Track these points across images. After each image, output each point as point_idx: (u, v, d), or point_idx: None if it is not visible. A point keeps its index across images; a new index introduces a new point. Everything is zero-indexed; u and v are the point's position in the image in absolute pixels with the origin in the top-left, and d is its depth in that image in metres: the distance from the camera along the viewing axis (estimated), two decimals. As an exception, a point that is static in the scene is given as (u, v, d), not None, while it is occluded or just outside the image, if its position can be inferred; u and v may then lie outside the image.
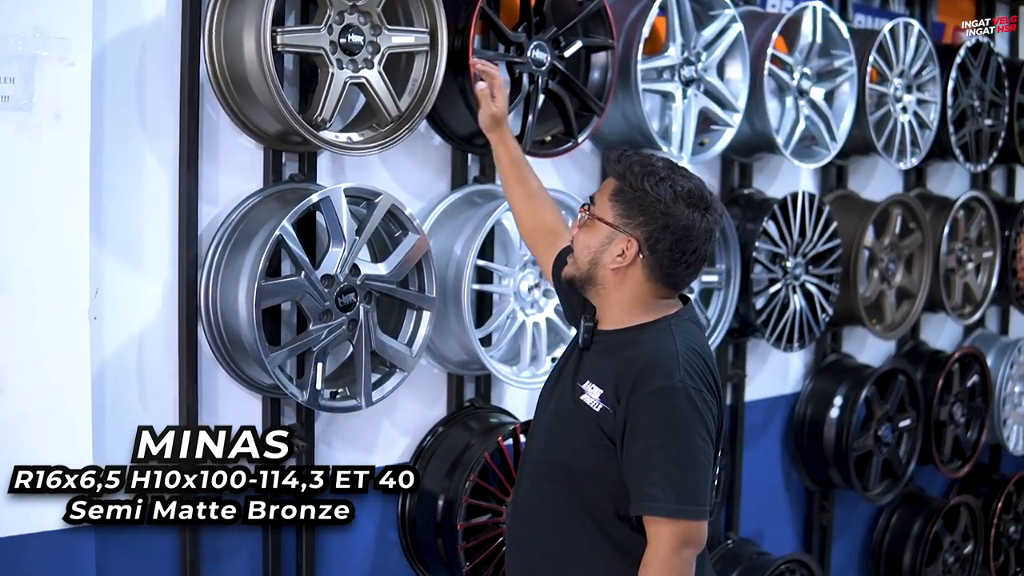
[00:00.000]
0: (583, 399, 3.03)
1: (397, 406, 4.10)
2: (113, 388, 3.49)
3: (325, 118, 3.49)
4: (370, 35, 3.54)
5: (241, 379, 3.71)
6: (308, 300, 3.51)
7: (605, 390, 2.99)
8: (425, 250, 3.75)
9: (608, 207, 3.01)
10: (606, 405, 2.98)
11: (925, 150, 5.55)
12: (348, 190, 3.55)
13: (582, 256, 3.07)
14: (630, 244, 2.98)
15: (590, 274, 3.06)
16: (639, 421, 2.89)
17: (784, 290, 5.02)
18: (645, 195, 2.95)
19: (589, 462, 3.01)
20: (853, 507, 6.05)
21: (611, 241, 3.00)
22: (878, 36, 5.17)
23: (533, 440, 3.23)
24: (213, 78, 3.50)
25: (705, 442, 2.92)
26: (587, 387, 3.04)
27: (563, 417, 3.10)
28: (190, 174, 3.54)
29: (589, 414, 3.01)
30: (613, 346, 3.05)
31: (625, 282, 3.03)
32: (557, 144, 4.10)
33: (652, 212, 2.95)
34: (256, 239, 3.48)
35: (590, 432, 3.00)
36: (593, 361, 3.09)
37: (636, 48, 4.22)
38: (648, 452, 2.88)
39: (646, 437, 2.89)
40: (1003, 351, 6.58)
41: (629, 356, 2.98)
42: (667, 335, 3.02)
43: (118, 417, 3.49)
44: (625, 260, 3.00)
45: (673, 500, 2.85)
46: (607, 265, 3.01)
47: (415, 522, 4.14)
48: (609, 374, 3.00)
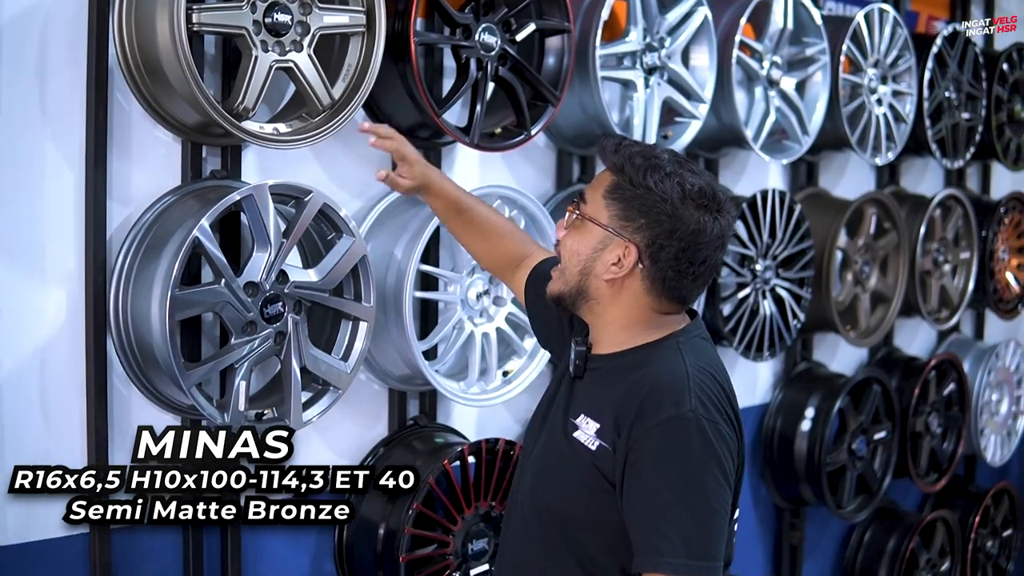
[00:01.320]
0: (576, 436, 2.65)
1: (333, 426, 3.79)
2: (11, 410, 3.19)
3: (248, 107, 3.17)
4: (299, 14, 3.22)
5: (157, 398, 3.39)
6: (229, 311, 3.19)
7: (602, 424, 2.61)
8: (361, 254, 3.44)
9: (603, 206, 2.63)
10: (603, 442, 2.59)
11: (901, 145, 5.36)
12: (274, 187, 3.24)
13: (571, 264, 2.68)
14: (628, 250, 2.60)
15: (581, 286, 2.67)
16: (643, 458, 2.50)
17: (753, 295, 4.79)
18: (648, 193, 2.57)
19: (584, 510, 2.62)
20: (824, 524, 5.85)
21: (605, 247, 2.62)
22: (852, 23, 4.96)
23: (520, 483, 2.83)
24: (123, 63, 3.19)
25: (719, 484, 2.51)
26: (581, 422, 2.65)
27: (553, 457, 2.71)
28: (98, 170, 3.22)
29: (584, 453, 2.62)
30: (611, 372, 2.67)
31: (622, 295, 2.66)
32: (508, 137, 3.82)
33: (656, 213, 2.57)
34: (171, 243, 3.16)
35: (585, 474, 2.61)
36: (588, 391, 2.71)
37: (594, 32, 3.96)
38: (654, 496, 2.48)
39: (652, 478, 2.49)
40: (980, 357, 6.42)
41: (631, 382, 2.60)
42: (675, 355, 2.64)
43: (16, 443, 3.19)
44: (622, 269, 2.62)
45: (683, 555, 2.43)
46: (600, 275, 2.64)
47: (353, 553, 3.84)
48: (607, 406, 2.61)
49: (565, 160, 4.37)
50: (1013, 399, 6.72)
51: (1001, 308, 6.45)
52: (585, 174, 4.37)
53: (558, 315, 3.00)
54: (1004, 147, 6.18)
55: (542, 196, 4.25)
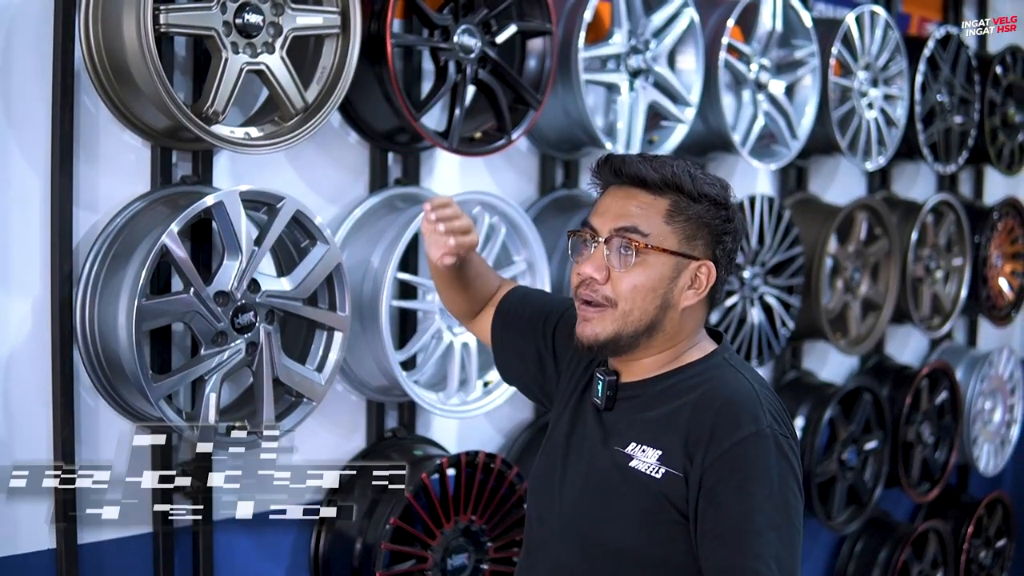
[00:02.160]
0: (634, 466, 2.45)
1: (309, 438, 3.70)
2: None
3: (218, 110, 3.09)
4: (270, 15, 3.14)
5: (125, 410, 3.30)
6: (198, 321, 3.11)
7: (665, 451, 2.43)
8: (336, 262, 3.35)
9: (668, 232, 2.44)
10: (671, 468, 2.41)
11: (892, 150, 5.28)
12: (246, 194, 3.15)
13: (641, 302, 2.45)
14: (707, 270, 2.46)
15: (654, 321, 2.47)
16: (724, 480, 2.35)
17: (741, 303, 4.71)
18: (711, 204, 2.44)
19: (648, 545, 2.44)
20: (815, 535, 5.72)
21: (679, 273, 2.46)
22: (842, 25, 4.88)
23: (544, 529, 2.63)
24: (90, 65, 3.10)
25: (798, 500, 2.38)
26: (636, 451, 2.46)
27: (605, 493, 2.50)
28: (64, 176, 3.14)
29: (648, 483, 2.43)
30: (656, 396, 2.51)
31: (689, 319, 2.52)
32: (488, 141, 3.75)
33: (718, 222, 2.45)
34: (139, 250, 3.07)
35: (650, 507, 2.43)
36: (632, 418, 2.52)
37: (577, 34, 3.89)
38: (742, 518, 2.32)
39: (737, 499, 2.33)
40: (972, 365, 6.34)
41: (695, 403, 2.44)
42: (731, 371, 2.49)
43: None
44: (702, 291, 2.48)
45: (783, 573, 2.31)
46: (679, 305, 2.47)
47: (329, 567, 3.77)
48: (668, 430, 2.44)
49: (548, 165, 4.30)
50: (1006, 407, 6.65)
51: (994, 315, 6.38)
52: (569, 179, 4.29)
53: (538, 351, 2.82)
54: (997, 151, 6.11)
55: (525, 202, 4.19)
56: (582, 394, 2.64)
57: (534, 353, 2.81)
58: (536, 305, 2.86)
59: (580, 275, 2.47)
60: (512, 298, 2.89)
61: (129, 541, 3.38)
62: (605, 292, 2.44)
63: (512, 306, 2.85)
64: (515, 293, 2.91)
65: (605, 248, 2.44)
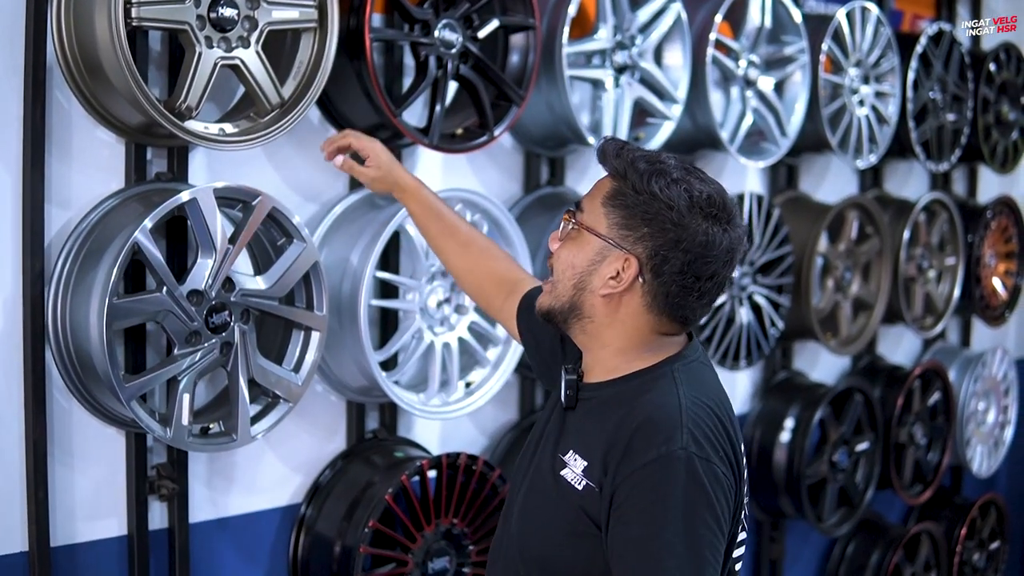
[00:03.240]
0: (563, 474, 2.46)
1: (287, 440, 3.68)
2: None
3: (191, 105, 3.03)
4: (245, 9, 3.08)
5: (98, 411, 3.25)
6: (171, 320, 3.05)
7: (590, 461, 2.42)
8: (313, 260, 3.30)
9: (601, 214, 2.44)
10: (590, 481, 2.40)
11: (884, 147, 5.24)
12: (220, 191, 3.10)
13: (564, 278, 2.49)
14: (628, 263, 2.41)
15: (574, 302, 2.49)
16: (629, 501, 2.31)
17: (730, 303, 4.68)
18: (652, 199, 2.37)
19: (572, 558, 2.44)
20: (805, 538, 5.74)
21: (603, 259, 2.44)
22: (833, 21, 4.83)
23: (506, 525, 2.64)
24: (62, 59, 3.04)
25: (712, 532, 2.30)
26: (569, 459, 2.47)
27: (539, 498, 2.53)
28: (35, 172, 3.07)
29: (571, 494, 2.43)
30: (604, 403, 2.49)
31: (619, 314, 2.47)
32: (470, 138, 3.69)
33: (660, 222, 2.37)
34: (111, 248, 3.02)
35: (571, 518, 2.42)
36: (579, 424, 2.52)
37: (561, 29, 3.82)
38: (641, 544, 2.28)
39: (639, 525, 2.29)
40: (965, 365, 6.33)
41: (621, 417, 2.41)
42: (669, 384, 2.44)
43: None
44: (620, 284, 2.43)
45: None
46: (596, 290, 2.45)
47: (308, 570, 3.73)
48: (597, 441, 2.43)
49: (533, 162, 4.25)
50: (1000, 408, 6.64)
51: (988, 315, 6.36)
52: (554, 177, 4.25)
53: (551, 341, 2.84)
54: (991, 149, 6.07)
55: (509, 200, 4.15)
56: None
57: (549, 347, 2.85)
58: None
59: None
60: (534, 294, 2.86)
61: (103, 544, 3.34)
62: (552, 264, 2.53)
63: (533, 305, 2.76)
64: (536, 290, 2.86)
65: (563, 222, 2.52)
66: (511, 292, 3.03)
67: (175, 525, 3.43)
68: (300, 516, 3.74)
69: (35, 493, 3.14)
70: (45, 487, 3.16)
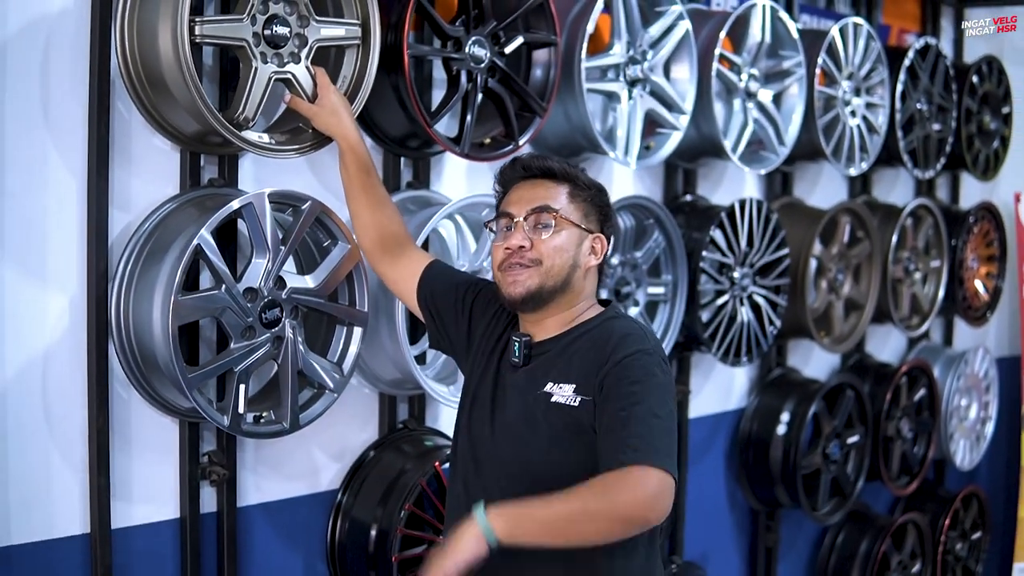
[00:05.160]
0: (556, 400, 2.97)
1: (325, 429, 3.83)
2: (16, 412, 3.21)
3: (248, 116, 3.23)
4: (297, 27, 3.28)
5: (156, 402, 3.42)
6: (229, 316, 3.24)
7: (578, 383, 2.95)
8: (356, 261, 3.50)
9: (571, 208, 3.08)
10: (584, 395, 2.93)
11: (874, 156, 5.43)
12: (272, 195, 3.29)
13: (560, 260, 3.04)
14: (599, 240, 3.10)
15: (568, 278, 3.05)
16: (616, 383, 2.86)
17: (731, 302, 4.84)
18: (599, 193, 3.14)
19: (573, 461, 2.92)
20: (798, 527, 5.92)
21: (582, 241, 3.07)
22: (827, 36, 5.03)
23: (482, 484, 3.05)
24: (125, 73, 3.22)
25: (674, 404, 2.93)
26: (554, 388, 2.99)
27: (544, 432, 2.97)
28: (100, 177, 3.25)
29: (572, 412, 2.94)
30: (564, 347, 3.05)
31: (587, 280, 3.11)
32: (497, 147, 3.88)
33: (604, 207, 3.14)
34: (172, 249, 3.20)
35: (573, 428, 2.93)
36: (542, 370, 3.04)
37: (580, 45, 4.02)
38: (630, 406, 2.81)
39: (626, 395, 2.83)
40: (949, 363, 6.51)
41: (594, 340, 3.00)
42: (624, 318, 3.12)
43: (19, 445, 3.21)
44: (599, 257, 3.12)
45: (652, 452, 2.73)
46: (583, 266, 3.07)
47: (345, 554, 3.90)
48: (576, 366, 2.98)
49: None
50: (982, 405, 6.81)
51: (970, 315, 6.53)
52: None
53: (456, 314, 3.31)
54: (973, 158, 6.29)
55: None
56: (500, 357, 3.15)
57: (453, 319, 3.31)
58: (457, 279, 3.38)
59: (508, 249, 3.04)
60: (435, 270, 3.39)
61: (158, 526, 3.49)
62: (531, 256, 3.03)
63: (437, 277, 3.36)
64: (437, 266, 3.40)
65: (524, 225, 3.04)
66: (403, 256, 3.42)
67: (224, 509, 3.59)
68: (337, 502, 3.91)
69: (97, 479, 3.30)
70: (107, 473, 3.32)
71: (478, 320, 3.26)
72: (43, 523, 3.28)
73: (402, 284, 3.40)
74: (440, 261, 3.43)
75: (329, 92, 3.35)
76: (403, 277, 3.39)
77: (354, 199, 3.44)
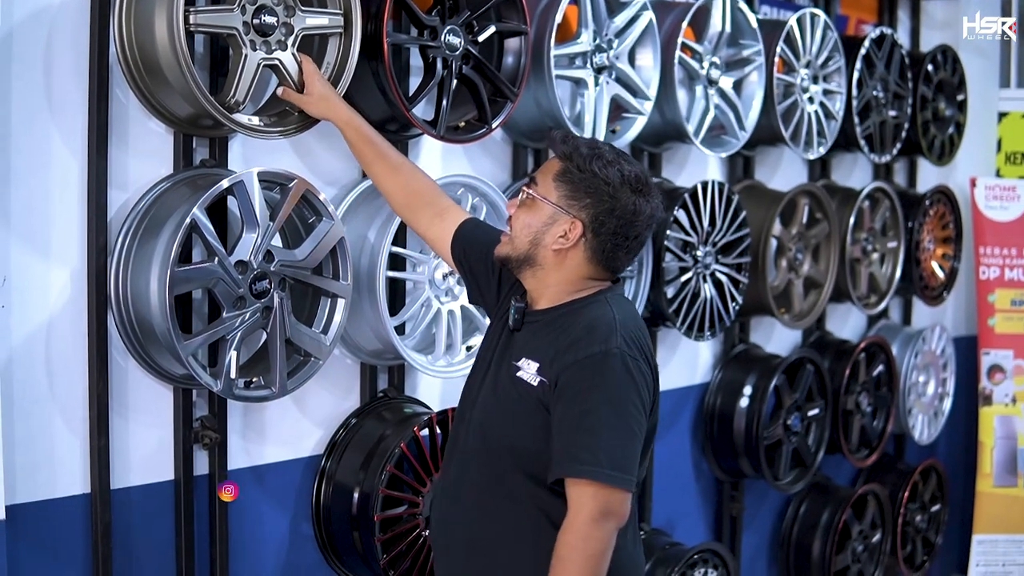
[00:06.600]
0: (520, 376, 3.08)
1: (310, 397, 4.03)
2: (21, 379, 3.37)
3: (239, 100, 3.42)
4: (283, 16, 3.47)
5: (152, 369, 3.60)
6: (221, 287, 3.43)
7: (542, 363, 3.03)
8: (340, 236, 3.68)
9: (552, 187, 3.08)
10: (544, 378, 3.01)
11: (831, 140, 5.58)
12: (261, 174, 3.48)
13: (521, 235, 3.12)
14: (574, 225, 3.06)
15: (530, 254, 3.11)
16: (572, 383, 2.94)
17: (695, 279, 4.98)
18: (593, 177, 3.03)
19: (530, 440, 3.04)
20: (762, 497, 6.06)
21: (554, 222, 3.08)
22: (785, 26, 5.18)
23: (464, 428, 3.22)
24: (123, 60, 3.41)
25: (638, 411, 2.97)
26: (523, 364, 3.08)
27: (501, 399, 3.13)
28: (99, 158, 3.42)
29: (528, 390, 3.05)
30: (549, 323, 3.11)
31: (565, 263, 3.11)
32: (470, 130, 4.04)
33: (599, 194, 3.03)
34: (168, 225, 3.38)
35: (530, 409, 3.04)
36: (527, 340, 3.14)
37: (549, 34, 4.18)
38: (580, 415, 2.90)
39: (579, 401, 2.92)
40: (907, 341, 6.64)
41: (565, 325, 3.06)
42: (604, 306, 3.09)
43: (25, 409, 3.38)
44: (568, 242, 3.07)
45: (603, 464, 2.85)
46: (548, 246, 3.09)
47: (330, 515, 4.07)
48: (546, 347, 3.05)
49: (520, 152, 4.56)
50: (939, 381, 6.95)
51: (927, 295, 6.67)
52: (538, 166, 4.46)
53: (485, 269, 3.41)
54: (929, 143, 6.45)
55: (499, 186, 4.39)
56: (505, 317, 3.25)
57: (486, 277, 3.41)
58: (491, 235, 3.42)
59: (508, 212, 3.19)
60: (468, 230, 3.50)
61: (154, 487, 3.65)
62: (511, 223, 3.16)
63: (472, 236, 3.48)
64: (469, 223, 3.53)
65: (522, 193, 3.14)
66: (438, 215, 3.56)
67: (215, 471, 3.77)
68: (321, 467, 4.07)
69: (97, 441, 3.47)
70: (107, 435, 3.49)
71: (506, 280, 3.38)
72: (47, 483, 3.42)
73: (438, 244, 3.56)
74: (474, 218, 3.56)
75: (315, 80, 3.51)
76: (438, 237, 3.54)
77: (371, 169, 3.62)
